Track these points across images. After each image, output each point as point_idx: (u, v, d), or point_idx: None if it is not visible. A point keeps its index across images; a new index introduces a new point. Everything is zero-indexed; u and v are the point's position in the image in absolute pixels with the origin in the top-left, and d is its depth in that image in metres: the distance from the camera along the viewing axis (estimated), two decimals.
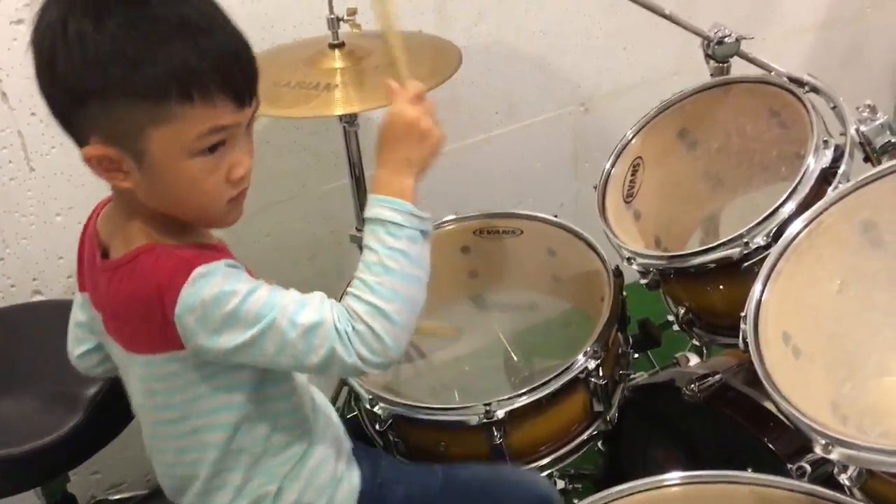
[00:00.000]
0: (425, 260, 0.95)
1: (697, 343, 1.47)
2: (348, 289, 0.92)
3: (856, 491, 0.92)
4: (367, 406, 1.26)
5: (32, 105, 1.46)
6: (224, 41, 0.85)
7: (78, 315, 1.10)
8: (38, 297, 1.61)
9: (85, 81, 0.82)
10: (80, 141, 0.87)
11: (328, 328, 0.89)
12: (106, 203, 1.00)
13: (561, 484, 1.55)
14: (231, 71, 0.85)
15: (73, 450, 1.25)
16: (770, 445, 1.14)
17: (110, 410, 1.24)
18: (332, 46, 1.42)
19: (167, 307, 0.87)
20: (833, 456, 0.87)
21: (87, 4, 0.81)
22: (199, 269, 0.87)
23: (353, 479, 1.12)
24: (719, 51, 1.47)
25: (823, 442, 0.88)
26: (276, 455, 1.02)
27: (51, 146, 1.51)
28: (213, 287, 0.86)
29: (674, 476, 0.98)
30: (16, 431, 1.23)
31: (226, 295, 0.87)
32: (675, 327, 1.44)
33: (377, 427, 1.27)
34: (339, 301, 0.92)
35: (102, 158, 0.86)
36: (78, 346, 1.11)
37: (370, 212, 0.94)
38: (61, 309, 1.47)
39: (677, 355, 1.48)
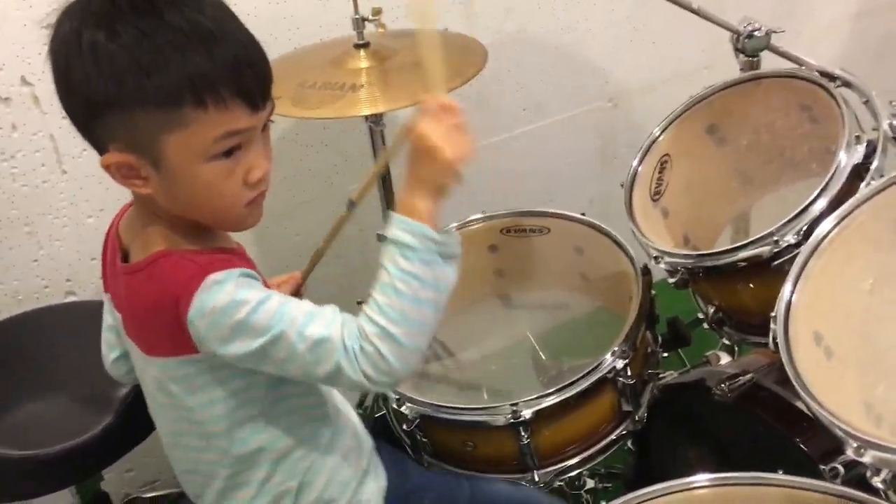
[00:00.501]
0: (442, 282, 0.93)
1: (728, 342, 1.45)
2: (363, 306, 0.92)
3: (891, 494, 0.90)
4: (395, 406, 1.26)
5: (63, 110, 1.49)
6: (236, 47, 0.86)
7: (107, 318, 1.12)
8: (71, 298, 1.64)
9: (99, 92, 0.83)
10: (100, 149, 0.89)
11: (335, 343, 0.89)
12: (128, 207, 1.01)
13: (591, 483, 1.55)
14: (243, 76, 0.86)
15: (106, 450, 1.27)
16: (802, 446, 1.13)
17: (142, 410, 1.24)
18: (358, 46, 1.43)
19: (181, 312, 0.88)
20: (866, 459, 0.86)
21: (99, 15, 0.83)
22: (212, 276, 0.88)
23: (379, 478, 1.13)
24: (749, 45, 1.45)
25: (855, 445, 0.86)
26: (296, 451, 1.03)
27: (82, 149, 1.53)
28: (224, 295, 0.87)
29: (703, 478, 0.97)
30: (50, 432, 1.25)
31: (237, 304, 0.88)
32: (706, 326, 1.42)
33: (404, 427, 1.27)
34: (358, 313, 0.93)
35: (121, 165, 0.88)
36: (110, 351, 1.13)
37: (387, 231, 0.93)
38: (94, 310, 1.49)
39: (708, 354, 1.47)
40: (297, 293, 1.27)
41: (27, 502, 1.41)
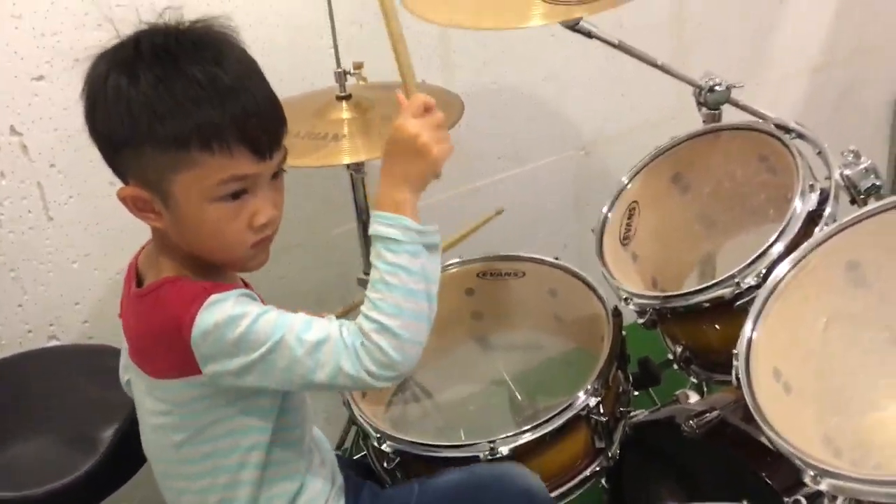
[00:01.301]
0: (431, 271, 0.98)
1: (696, 381, 1.50)
2: (361, 307, 0.96)
3: None
4: (375, 444, 1.29)
5: (52, 157, 1.52)
6: (247, 99, 0.91)
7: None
8: (54, 342, 1.65)
9: (117, 130, 0.91)
10: (123, 181, 0.96)
11: (334, 344, 0.93)
12: (150, 242, 1.06)
13: None
14: (249, 126, 0.91)
15: (90, 491, 1.27)
16: (767, 479, 1.16)
17: (125, 452, 1.26)
18: (340, 98, 1.48)
19: (184, 332, 0.92)
20: (822, 487, 0.91)
21: (126, 61, 0.90)
22: (213, 297, 0.92)
23: None
24: (711, 98, 1.51)
25: (812, 473, 0.91)
26: (278, 485, 1.06)
27: (69, 195, 1.56)
28: (225, 311, 0.92)
29: None
30: (34, 474, 1.26)
31: (237, 317, 0.92)
32: (675, 365, 1.47)
33: (385, 465, 1.29)
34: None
35: (137, 199, 0.94)
36: (125, 373, 1.15)
37: (371, 229, 0.98)
38: (77, 353, 1.52)
39: (677, 392, 1.51)
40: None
41: None
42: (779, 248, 1.22)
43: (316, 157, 1.37)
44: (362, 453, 1.44)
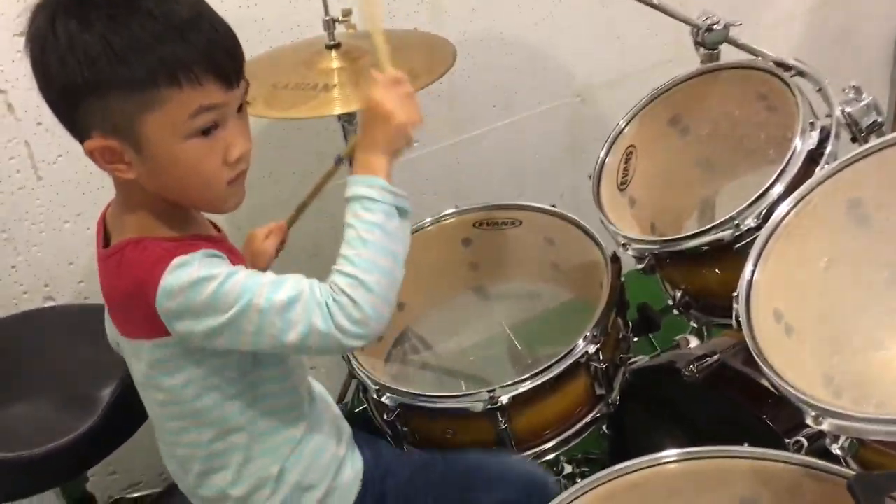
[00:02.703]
0: (403, 235, 0.98)
1: (696, 325, 1.49)
2: (333, 266, 0.95)
3: (849, 460, 0.95)
4: (375, 396, 1.29)
5: (38, 115, 1.50)
6: (208, 30, 0.89)
7: None
8: (50, 303, 1.65)
9: (76, 78, 0.85)
10: (83, 137, 0.91)
11: (305, 301, 0.91)
12: None
13: (568, 468, 1.59)
14: (216, 55, 0.88)
15: (90, 450, 1.28)
16: (768, 421, 1.17)
17: (125, 411, 1.27)
18: (329, 47, 1.45)
19: (149, 296, 0.90)
20: (824, 427, 0.90)
21: (72, 5, 0.85)
22: (178, 259, 0.90)
23: (356, 462, 1.15)
24: (709, 38, 1.49)
25: (814, 413, 0.90)
26: (274, 436, 1.05)
27: (57, 154, 1.54)
28: (191, 274, 0.90)
29: (672, 453, 1.01)
30: (35, 434, 1.26)
31: (204, 280, 0.90)
32: (674, 311, 1.47)
33: (385, 417, 1.29)
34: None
35: (105, 150, 0.90)
36: (112, 332, 1.15)
37: (347, 191, 0.98)
38: (73, 313, 1.51)
39: (677, 338, 1.51)
40: (283, 242, 1.31)
41: None
42: (779, 188, 1.20)
43: (306, 108, 1.35)
44: (363, 406, 1.45)
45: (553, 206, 1.54)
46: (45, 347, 1.42)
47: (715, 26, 1.48)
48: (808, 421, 0.91)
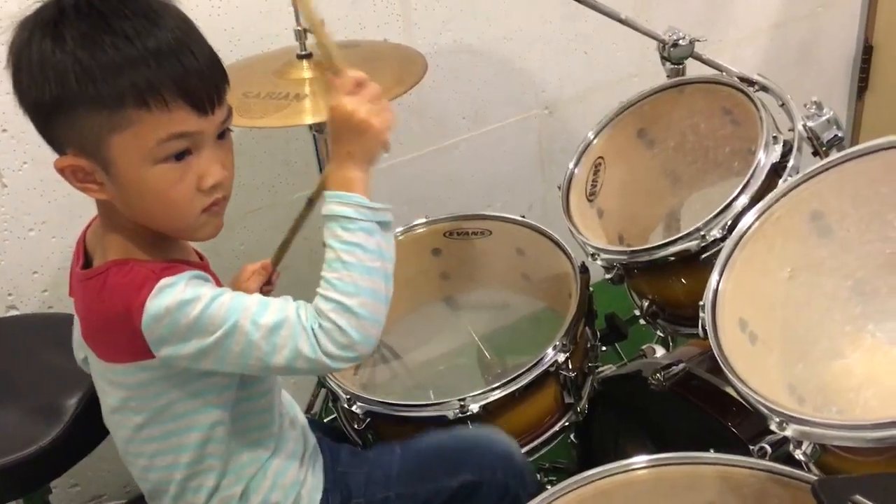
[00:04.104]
0: (387, 250, 0.95)
1: (662, 334, 1.51)
2: (317, 288, 0.93)
3: (812, 466, 0.97)
4: (345, 405, 1.29)
5: (3, 122, 1.48)
6: (182, 53, 0.86)
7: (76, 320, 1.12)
8: (13, 312, 1.62)
9: (45, 94, 0.85)
10: (60, 153, 0.90)
11: (291, 326, 0.90)
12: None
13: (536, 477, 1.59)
14: (188, 79, 0.86)
15: (54, 461, 1.25)
16: (733, 429, 1.19)
17: (90, 421, 1.24)
18: (300, 57, 1.45)
19: (134, 319, 0.89)
20: (788, 432, 0.92)
21: (48, 22, 0.85)
22: (163, 281, 0.89)
23: (317, 470, 1.14)
24: (674, 53, 1.52)
25: (778, 420, 0.92)
26: (242, 455, 1.04)
27: (23, 161, 1.52)
28: (176, 296, 0.88)
29: (640, 459, 1.02)
30: None
31: (189, 302, 0.89)
32: (641, 321, 1.49)
33: (356, 426, 1.29)
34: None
35: (76, 169, 0.89)
36: (79, 351, 1.13)
37: (324, 209, 0.95)
38: (37, 323, 1.49)
39: (644, 347, 1.53)
40: (268, 282, 1.28)
41: None
42: (743, 200, 1.23)
43: (277, 117, 1.34)
44: (332, 416, 1.44)
45: (523, 216, 1.55)
46: (9, 357, 1.39)
47: (681, 41, 1.51)
48: (773, 427, 0.93)
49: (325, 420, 1.66)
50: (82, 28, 0.84)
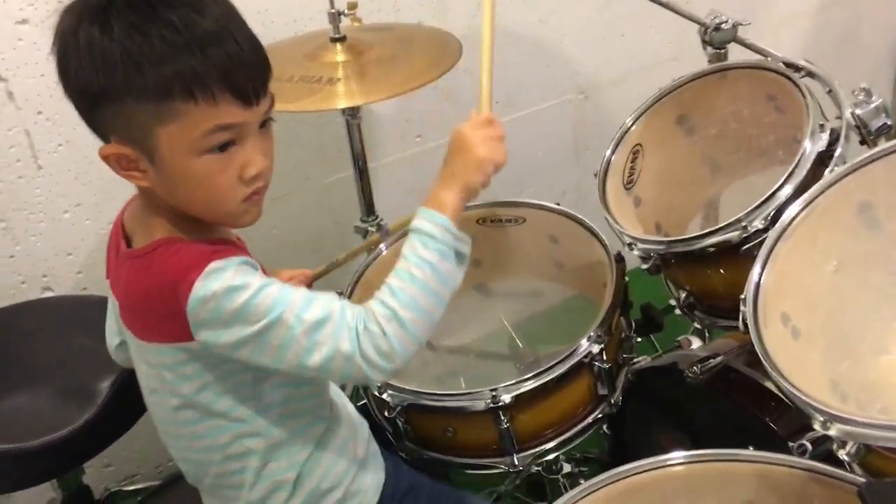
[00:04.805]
0: (453, 279, 0.96)
1: (699, 326, 1.48)
2: (376, 292, 0.93)
3: (855, 466, 0.94)
4: (376, 393, 1.28)
5: (39, 104, 1.49)
6: (229, 44, 0.87)
7: (111, 305, 1.12)
8: (48, 294, 1.64)
9: (93, 83, 0.85)
10: (104, 140, 0.91)
11: (334, 324, 0.90)
12: (134, 199, 1.03)
13: (567, 467, 1.58)
14: (234, 72, 0.87)
15: (87, 443, 1.27)
16: (772, 424, 1.16)
17: (122, 404, 1.26)
18: (334, 40, 1.44)
19: (180, 299, 0.89)
20: (831, 432, 0.89)
21: (96, 10, 0.85)
22: (213, 264, 0.89)
23: (378, 471, 1.14)
24: (716, 37, 1.48)
25: (822, 419, 0.90)
26: (291, 441, 1.04)
27: (57, 144, 1.53)
28: (225, 281, 0.88)
29: (677, 455, 1.00)
30: (31, 425, 1.26)
31: (238, 289, 0.88)
32: (677, 311, 1.46)
33: (386, 414, 1.29)
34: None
35: (120, 157, 0.90)
36: (112, 338, 1.14)
37: (413, 221, 0.97)
38: (72, 304, 1.50)
39: (680, 338, 1.50)
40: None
41: (8, 496, 1.41)
42: (787, 190, 1.19)
43: (310, 101, 1.33)
44: (362, 401, 1.44)
45: (557, 203, 1.53)
46: (44, 338, 1.41)
47: (723, 25, 1.47)
48: (816, 426, 0.90)
49: (356, 406, 1.65)
50: (130, 17, 0.84)
